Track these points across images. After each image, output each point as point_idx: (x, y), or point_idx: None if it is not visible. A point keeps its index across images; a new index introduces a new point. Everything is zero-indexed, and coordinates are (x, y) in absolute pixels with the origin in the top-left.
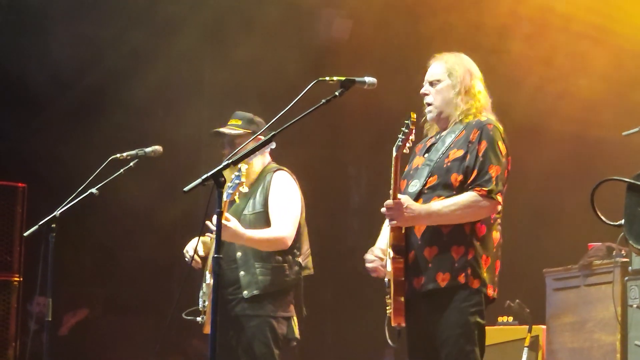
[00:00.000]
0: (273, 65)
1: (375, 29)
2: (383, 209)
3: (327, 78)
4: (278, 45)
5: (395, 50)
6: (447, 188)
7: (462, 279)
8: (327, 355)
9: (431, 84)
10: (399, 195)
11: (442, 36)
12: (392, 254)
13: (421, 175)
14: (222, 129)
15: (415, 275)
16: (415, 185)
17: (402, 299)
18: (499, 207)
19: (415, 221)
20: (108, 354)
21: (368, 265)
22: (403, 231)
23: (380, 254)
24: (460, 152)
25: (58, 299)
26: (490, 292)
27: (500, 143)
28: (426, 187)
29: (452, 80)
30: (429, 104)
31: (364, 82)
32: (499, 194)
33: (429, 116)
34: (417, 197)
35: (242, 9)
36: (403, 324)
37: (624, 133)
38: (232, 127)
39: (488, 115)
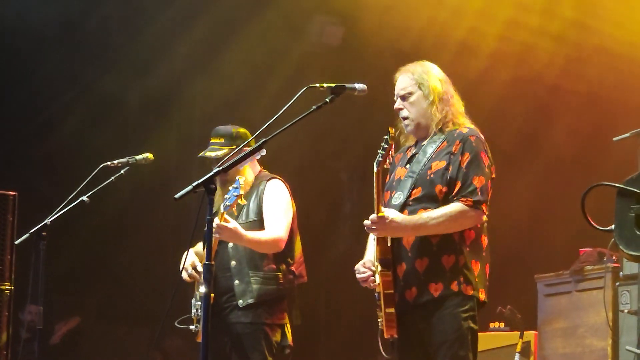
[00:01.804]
0: (264, 71)
1: (367, 36)
2: (367, 222)
3: (318, 85)
4: (269, 52)
5: (387, 57)
6: (432, 200)
7: (454, 287)
8: None
9: (403, 97)
10: (384, 209)
11: (434, 41)
12: (379, 268)
13: (404, 187)
14: (207, 154)
15: (407, 287)
16: (399, 197)
17: (393, 310)
18: (484, 217)
19: (400, 232)
20: None
21: (359, 276)
22: (389, 244)
23: (371, 266)
24: (443, 164)
25: (50, 307)
26: (482, 296)
27: (483, 154)
28: (411, 199)
29: (423, 90)
30: (405, 118)
31: (355, 89)
32: (484, 204)
33: (407, 130)
34: (401, 209)
35: (234, 14)
36: (396, 335)
37: (615, 138)
38: (216, 147)
39: (466, 124)
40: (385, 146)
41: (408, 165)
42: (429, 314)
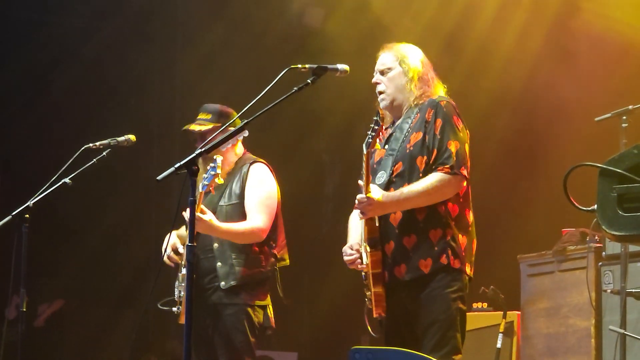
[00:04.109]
0: (246, 53)
1: (348, 17)
2: (357, 202)
3: (299, 65)
4: (251, 33)
5: (369, 37)
6: (415, 172)
7: (444, 260)
8: (303, 343)
9: (382, 72)
10: (371, 186)
11: (416, 24)
12: (368, 248)
13: (386, 166)
14: (191, 127)
15: (396, 264)
16: (382, 177)
17: (381, 289)
18: (465, 182)
19: (386, 210)
20: (83, 345)
21: (347, 258)
22: (377, 224)
23: (359, 248)
24: (420, 135)
25: (33, 290)
26: (469, 271)
27: (455, 117)
28: (394, 175)
29: (403, 67)
30: (381, 92)
31: (336, 69)
32: (462, 168)
33: (382, 104)
34: (386, 187)
35: None
36: (384, 314)
37: (597, 119)
38: (201, 123)
39: (439, 94)
40: (376, 127)
41: (387, 146)
42: (418, 293)
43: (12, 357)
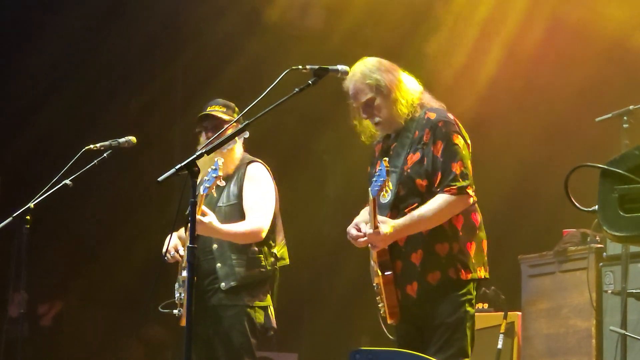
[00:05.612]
0: (247, 53)
1: (349, 17)
2: (365, 239)
3: (300, 67)
4: (251, 34)
5: (371, 38)
6: (416, 195)
7: (452, 274)
8: (303, 344)
9: (366, 104)
10: (379, 217)
11: (418, 24)
12: (379, 272)
13: (391, 183)
14: (213, 112)
15: (408, 282)
16: (388, 196)
17: (396, 303)
18: (471, 200)
19: (397, 237)
20: (83, 346)
21: (352, 233)
22: (386, 247)
23: (362, 226)
24: (417, 156)
25: (34, 291)
26: (482, 273)
27: (454, 138)
28: (396, 198)
29: (383, 91)
30: (378, 123)
31: (337, 71)
32: (468, 187)
33: (382, 131)
34: (391, 208)
35: None
36: (396, 323)
37: (598, 119)
38: (220, 112)
39: (432, 104)
40: (382, 179)
41: (388, 158)
42: (427, 299)
43: (13, 357)
